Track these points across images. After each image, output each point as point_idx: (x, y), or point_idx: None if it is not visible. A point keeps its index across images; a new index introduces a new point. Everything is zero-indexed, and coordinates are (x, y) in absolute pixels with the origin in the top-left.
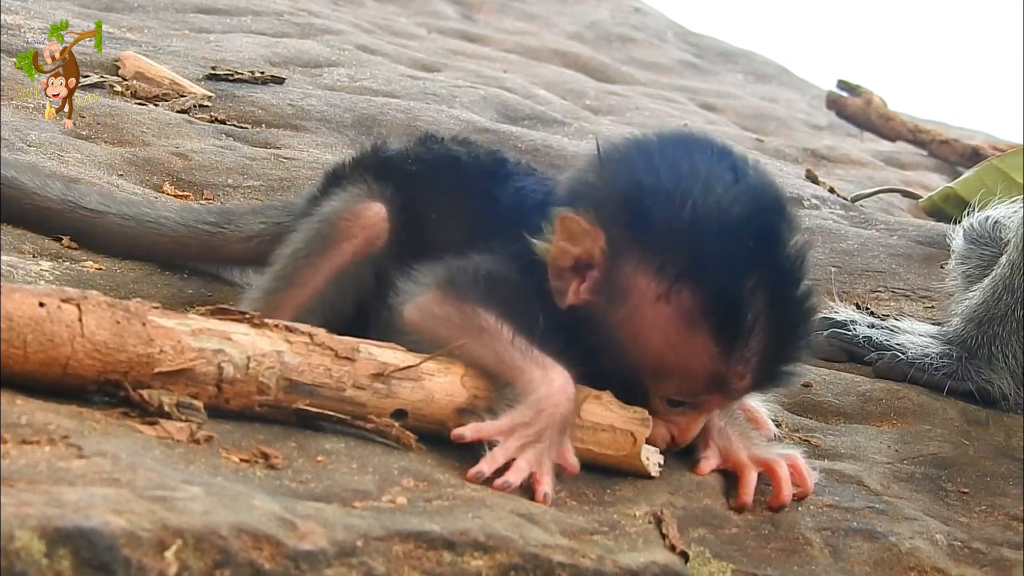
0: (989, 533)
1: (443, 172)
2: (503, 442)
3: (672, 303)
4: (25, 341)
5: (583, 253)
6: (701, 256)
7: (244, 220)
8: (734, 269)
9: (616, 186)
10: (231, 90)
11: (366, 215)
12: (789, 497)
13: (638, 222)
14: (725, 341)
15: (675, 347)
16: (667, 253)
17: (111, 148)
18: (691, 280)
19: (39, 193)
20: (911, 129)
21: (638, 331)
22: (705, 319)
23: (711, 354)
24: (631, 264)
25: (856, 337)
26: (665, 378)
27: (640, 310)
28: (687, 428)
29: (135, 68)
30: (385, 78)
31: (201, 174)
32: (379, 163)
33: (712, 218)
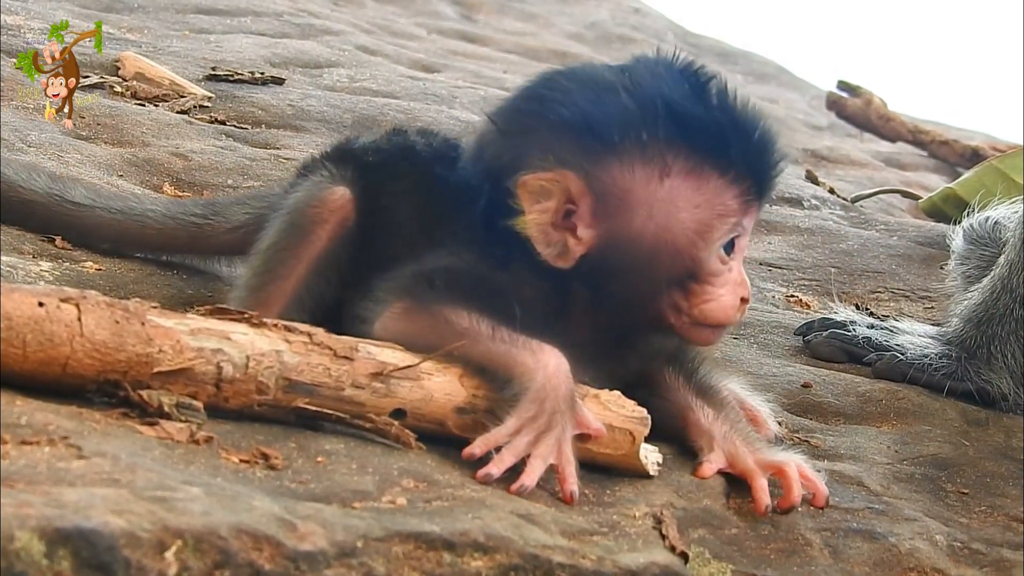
0: (989, 534)
1: (399, 158)
2: (512, 441)
3: (675, 171)
4: (24, 341)
5: (559, 201)
6: (665, 118)
7: (229, 211)
8: (694, 107)
9: (548, 123)
10: (231, 91)
11: (332, 199)
12: (799, 499)
13: (595, 135)
14: (731, 153)
15: (706, 196)
16: (639, 138)
17: (111, 149)
18: (674, 142)
19: (24, 187)
20: (911, 130)
21: (666, 218)
22: (708, 157)
23: (730, 177)
24: (613, 172)
25: (856, 338)
26: (716, 229)
27: (655, 199)
28: (742, 276)
29: (135, 69)
30: (385, 79)
31: (201, 175)
32: (342, 154)
33: (645, 84)
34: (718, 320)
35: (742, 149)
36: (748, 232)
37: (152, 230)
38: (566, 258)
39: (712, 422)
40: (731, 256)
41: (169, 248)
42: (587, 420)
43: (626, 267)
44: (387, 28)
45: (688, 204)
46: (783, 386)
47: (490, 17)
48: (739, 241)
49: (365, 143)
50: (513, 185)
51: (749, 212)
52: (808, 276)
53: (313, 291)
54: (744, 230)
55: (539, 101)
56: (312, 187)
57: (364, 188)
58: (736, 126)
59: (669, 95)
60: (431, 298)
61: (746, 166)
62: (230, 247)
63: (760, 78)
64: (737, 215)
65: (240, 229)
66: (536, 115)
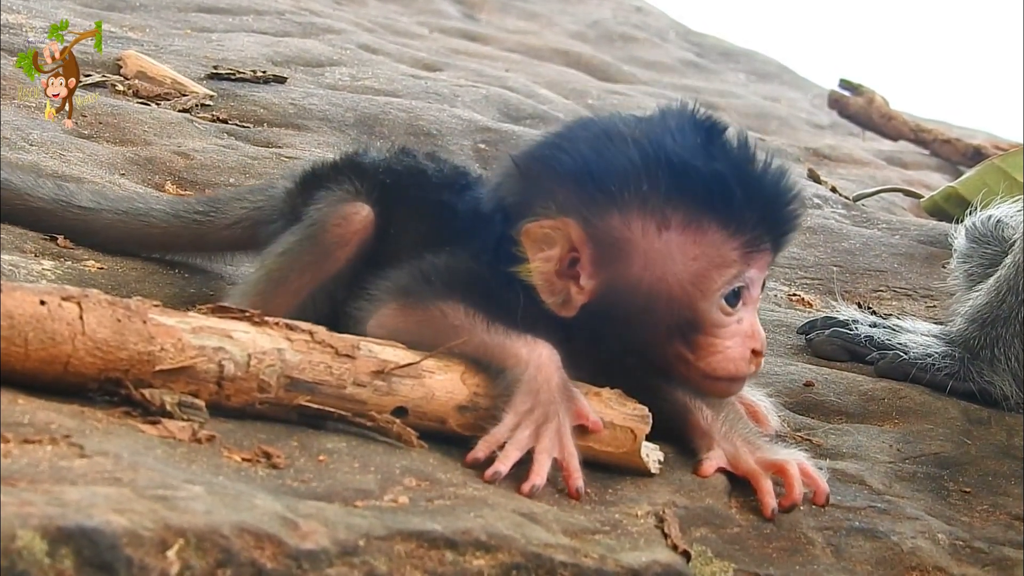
0: (991, 532)
1: (411, 182)
2: (514, 436)
3: (672, 222)
4: (26, 339)
5: (563, 249)
6: (666, 170)
7: (228, 206)
8: (695, 159)
9: (555, 173)
10: (233, 89)
11: (356, 219)
12: (800, 497)
13: (596, 185)
14: (730, 206)
15: (703, 248)
16: (639, 189)
17: (113, 147)
18: (672, 193)
19: (31, 193)
20: (913, 128)
21: (663, 268)
22: (705, 209)
23: (729, 228)
24: (615, 223)
25: (858, 336)
26: (715, 281)
27: (652, 249)
28: (753, 328)
29: (137, 67)
30: (387, 77)
31: (203, 173)
32: (358, 169)
33: (653, 136)
34: (727, 373)
35: (743, 201)
36: (758, 284)
37: (158, 229)
38: (569, 307)
39: (711, 422)
40: (736, 308)
41: (174, 247)
42: (585, 411)
43: (626, 318)
44: (389, 27)
45: (685, 255)
46: (785, 385)
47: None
48: (748, 292)
49: (377, 160)
50: (518, 232)
51: (753, 263)
52: (810, 275)
53: (320, 305)
54: (752, 281)
55: (551, 148)
56: (335, 202)
57: (381, 209)
58: (739, 178)
59: (672, 147)
60: (426, 295)
61: (747, 219)
62: (229, 243)
63: (762, 77)
64: (738, 267)
65: (238, 224)
66: (545, 163)
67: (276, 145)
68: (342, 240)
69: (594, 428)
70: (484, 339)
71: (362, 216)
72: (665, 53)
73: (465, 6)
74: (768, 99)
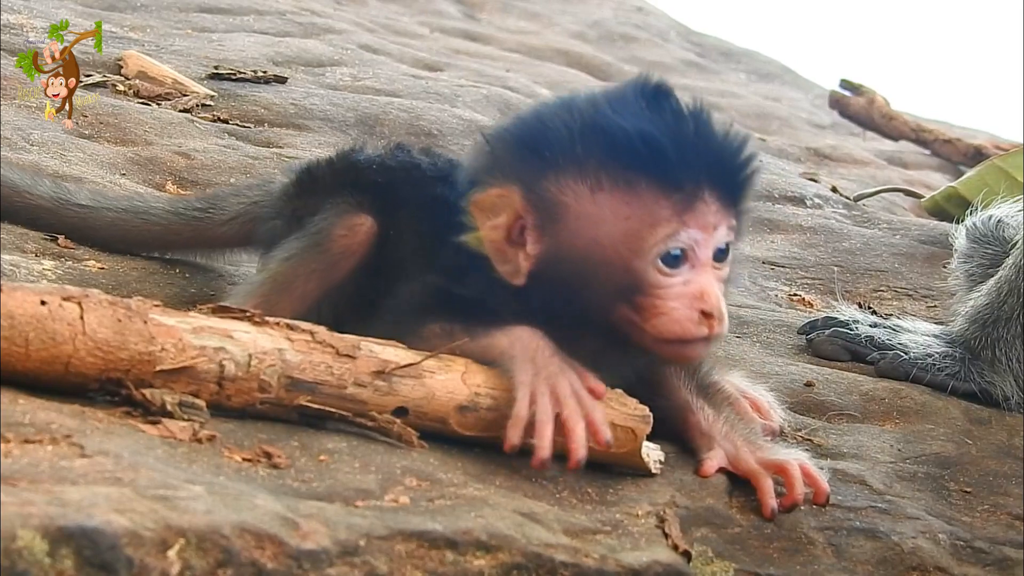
0: (992, 532)
1: (406, 179)
2: (537, 412)
3: (604, 183)
4: (27, 339)
5: (509, 218)
6: (597, 133)
7: (226, 202)
8: (626, 120)
9: (504, 144)
10: (234, 89)
11: (361, 230)
12: (801, 497)
13: (534, 151)
14: (661, 165)
15: (634, 208)
16: (572, 153)
17: (114, 147)
18: (603, 155)
19: (30, 192)
20: (914, 128)
21: (598, 230)
22: (634, 168)
23: (661, 187)
24: (551, 188)
25: (859, 336)
26: (646, 240)
27: (587, 212)
28: (703, 289)
29: (138, 67)
30: (388, 77)
31: (204, 173)
32: (354, 170)
33: (594, 103)
34: (674, 334)
35: (674, 160)
36: (706, 245)
37: (158, 227)
38: (518, 275)
39: (712, 423)
40: (680, 269)
41: (173, 244)
42: (584, 372)
43: (573, 282)
44: (390, 27)
45: (617, 216)
46: (786, 385)
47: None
48: (694, 254)
49: (372, 158)
50: (469, 202)
51: (691, 223)
52: (811, 275)
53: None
54: (697, 242)
55: (508, 121)
56: (340, 213)
57: (379, 213)
58: (672, 137)
59: (607, 111)
60: (407, 325)
61: (678, 177)
62: (228, 239)
63: (763, 77)
64: (671, 226)
65: (237, 220)
66: (499, 135)
67: (277, 145)
68: (348, 251)
69: (599, 393)
70: (468, 346)
71: (366, 228)
72: (666, 53)
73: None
74: (769, 99)
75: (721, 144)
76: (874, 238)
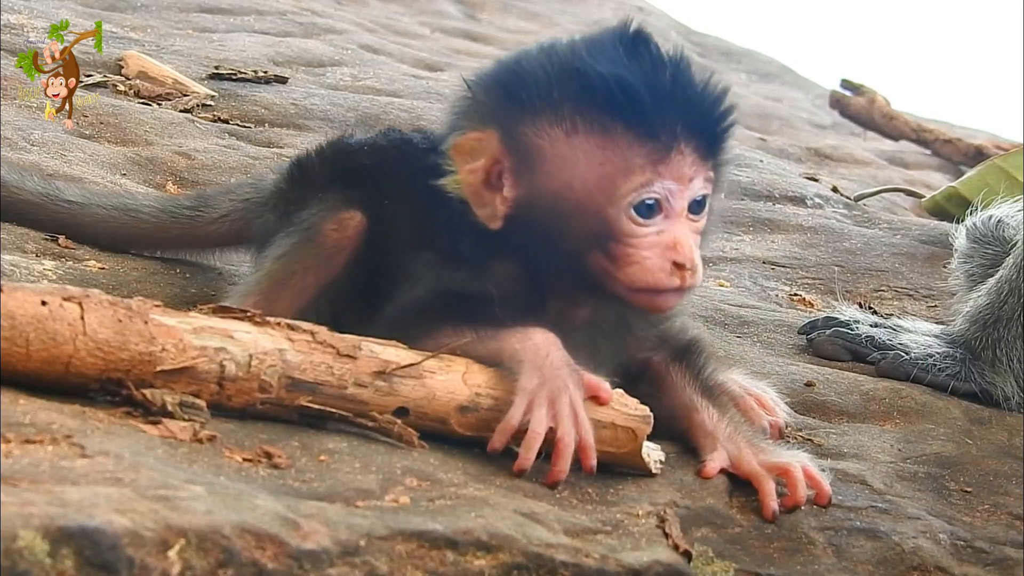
0: (992, 532)
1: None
2: (531, 420)
3: (580, 128)
4: (27, 339)
5: (488, 161)
6: (574, 77)
7: (216, 201)
8: (604, 65)
9: (483, 88)
10: (234, 89)
11: (351, 224)
12: (804, 498)
13: (512, 95)
14: (636, 112)
15: (608, 154)
16: (549, 97)
17: (114, 147)
18: (579, 100)
19: (18, 187)
20: (914, 128)
21: (572, 174)
22: (610, 115)
23: (635, 134)
24: (528, 131)
25: (859, 336)
26: (619, 188)
27: (562, 156)
28: (677, 240)
29: (138, 67)
30: (388, 77)
31: (204, 173)
32: (346, 159)
33: (573, 48)
34: (646, 283)
35: (651, 108)
36: (681, 196)
37: (148, 225)
38: (495, 219)
39: (717, 423)
40: (653, 219)
41: (163, 243)
42: (593, 382)
43: (548, 227)
44: (390, 27)
45: (591, 161)
46: (786, 385)
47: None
48: (668, 205)
49: (363, 140)
50: (448, 147)
51: (666, 173)
52: (811, 275)
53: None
54: (672, 193)
55: (486, 68)
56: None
57: (369, 201)
58: (649, 85)
59: (585, 56)
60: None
61: (654, 125)
62: (218, 237)
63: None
64: (645, 175)
65: (227, 218)
66: (480, 80)
67: (277, 145)
68: (339, 245)
69: (605, 399)
70: (477, 348)
71: (356, 222)
72: None
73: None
74: (769, 99)
75: (699, 94)
76: (875, 238)
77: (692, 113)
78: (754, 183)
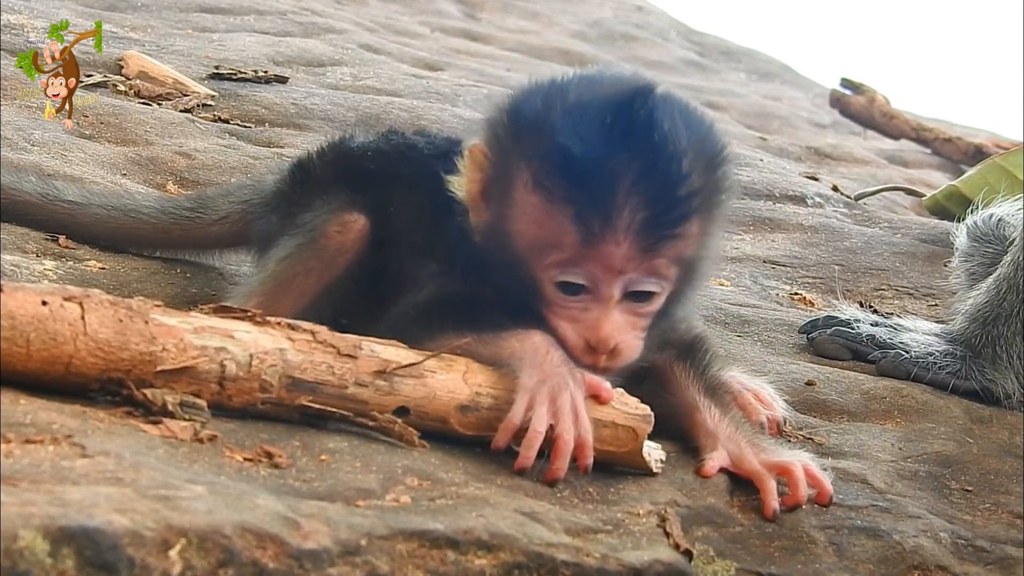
0: (993, 531)
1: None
2: (532, 421)
3: (535, 183)
4: (28, 340)
5: (485, 176)
6: (550, 134)
7: (216, 202)
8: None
9: (501, 110)
10: (234, 89)
11: (353, 227)
12: (804, 498)
13: (507, 130)
14: (576, 195)
15: (545, 221)
16: (526, 141)
17: (114, 147)
18: (545, 159)
19: (15, 188)
20: (914, 127)
21: (520, 222)
22: (561, 187)
23: (572, 213)
24: (509, 167)
25: (860, 335)
26: (545, 258)
27: (517, 199)
28: (597, 323)
29: (138, 67)
30: (388, 77)
31: (204, 173)
32: (348, 161)
33: (559, 106)
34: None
35: (592, 192)
36: (612, 285)
37: (147, 226)
38: (479, 232)
39: (718, 422)
40: (577, 296)
41: (162, 243)
42: (594, 381)
43: (498, 256)
44: (390, 26)
45: (534, 221)
46: (787, 384)
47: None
48: (598, 289)
49: (365, 144)
50: (464, 149)
51: (591, 263)
52: (812, 274)
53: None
54: (599, 281)
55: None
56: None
57: (372, 204)
58: (599, 166)
59: (562, 117)
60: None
61: (591, 210)
62: (218, 238)
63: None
64: (570, 254)
65: (226, 220)
66: (508, 96)
67: (278, 145)
68: (342, 248)
69: (605, 398)
70: (477, 348)
71: (359, 225)
72: (666, 52)
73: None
74: (769, 98)
75: (662, 189)
76: (875, 237)
77: (640, 208)
78: (754, 182)
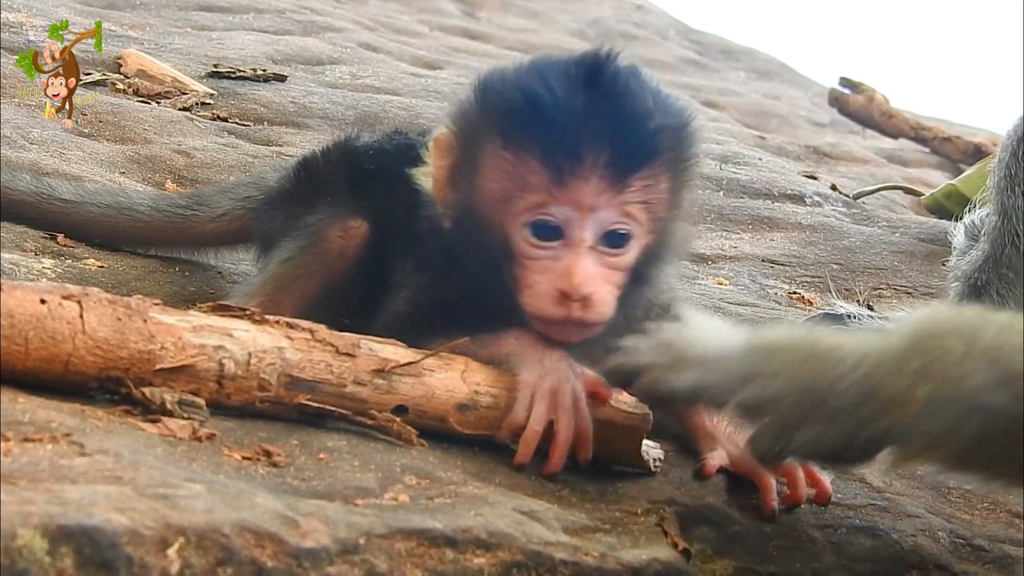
0: (991, 530)
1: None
2: (532, 417)
3: (498, 142)
4: (27, 338)
5: (452, 159)
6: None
7: (213, 200)
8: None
9: (465, 96)
10: (233, 88)
11: (355, 233)
12: (804, 497)
13: (472, 106)
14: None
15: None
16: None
17: (113, 146)
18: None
19: (10, 187)
20: (913, 126)
21: (486, 187)
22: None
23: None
24: (475, 138)
25: None
26: (516, 203)
27: (483, 169)
28: (569, 268)
29: (137, 66)
30: (387, 75)
31: (203, 172)
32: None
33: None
34: (535, 311)
35: (556, 131)
36: (582, 225)
37: (141, 223)
38: (448, 220)
39: (716, 422)
40: (550, 243)
41: (158, 240)
42: (593, 378)
43: (469, 237)
44: (389, 25)
45: (501, 176)
46: None
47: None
48: (569, 231)
49: (368, 144)
50: (429, 141)
51: (563, 199)
52: (810, 273)
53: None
54: (571, 220)
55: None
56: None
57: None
58: (561, 110)
59: (524, 75)
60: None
61: (556, 148)
62: (215, 236)
63: (763, 75)
64: (542, 196)
65: (224, 217)
66: (471, 83)
67: (276, 143)
68: (344, 252)
69: (604, 396)
70: (476, 349)
71: (361, 231)
72: (666, 51)
73: (465, 4)
74: (768, 97)
75: (623, 126)
76: (873, 236)
77: (604, 143)
78: (753, 181)
